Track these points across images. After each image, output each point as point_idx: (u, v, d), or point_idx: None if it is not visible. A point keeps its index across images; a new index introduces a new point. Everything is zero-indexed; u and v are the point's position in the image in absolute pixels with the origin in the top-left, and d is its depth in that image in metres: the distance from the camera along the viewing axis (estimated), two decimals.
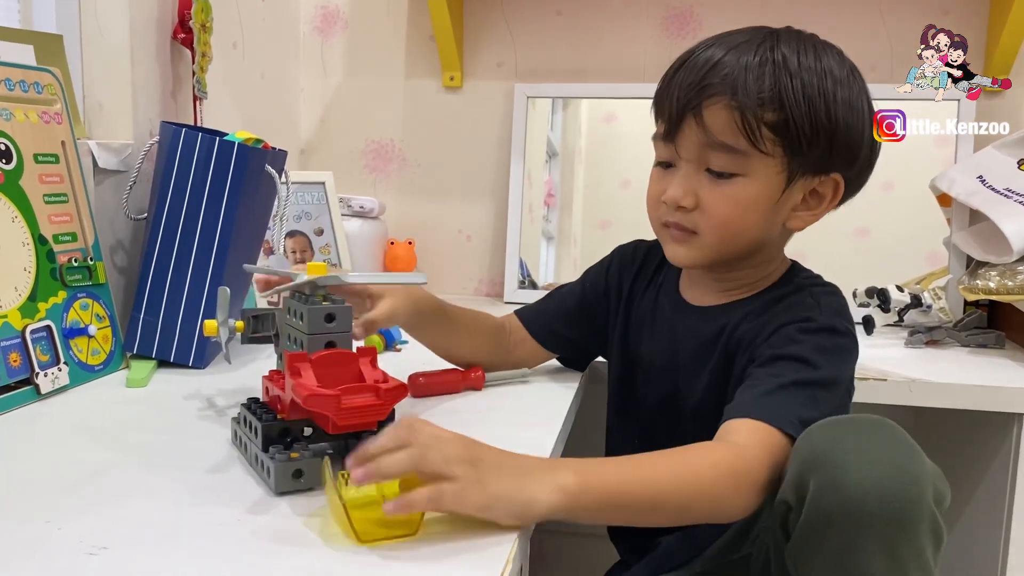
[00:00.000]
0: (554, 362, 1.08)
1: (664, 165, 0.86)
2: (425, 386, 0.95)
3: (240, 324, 0.79)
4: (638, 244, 1.02)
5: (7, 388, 0.87)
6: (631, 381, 0.97)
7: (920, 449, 0.67)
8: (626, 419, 0.98)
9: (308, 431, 0.74)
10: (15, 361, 0.88)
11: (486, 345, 1.01)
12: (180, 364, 1.05)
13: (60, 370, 0.93)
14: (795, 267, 0.91)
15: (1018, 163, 1.30)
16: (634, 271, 1.00)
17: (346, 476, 0.63)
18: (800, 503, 0.66)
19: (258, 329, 0.80)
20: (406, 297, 0.91)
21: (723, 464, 0.72)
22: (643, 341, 0.96)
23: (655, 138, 0.87)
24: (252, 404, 0.76)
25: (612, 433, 1.01)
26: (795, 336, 0.80)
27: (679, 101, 0.81)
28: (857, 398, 1.06)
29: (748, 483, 0.71)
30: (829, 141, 0.81)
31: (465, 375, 0.98)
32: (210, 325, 0.79)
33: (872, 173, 0.88)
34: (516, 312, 1.05)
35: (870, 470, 0.63)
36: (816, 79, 0.80)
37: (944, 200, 1.39)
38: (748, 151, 0.80)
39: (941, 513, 0.65)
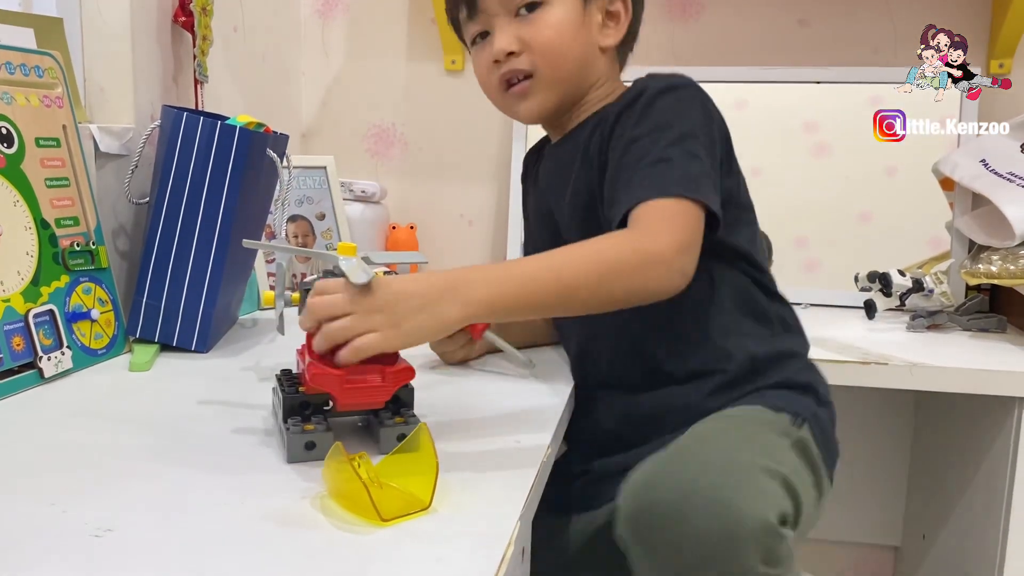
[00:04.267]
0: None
1: (481, 37, 0.93)
2: None
3: (296, 297, 0.80)
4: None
5: (11, 372, 0.87)
6: (534, 243, 1.05)
7: (739, 460, 0.69)
8: None
9: (329, 405, 0.75)
10: (18, 345, 0.88)
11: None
12: (183, 348, 1.05)
13: (63, 354, 0.93)
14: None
15: (1021, 147, 1.29)
16: (528, 165, 1.08)
17: (361, 458, 0.63)
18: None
19: None
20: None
21: (624, 243, 0.77)
22: (533, 208, 1.04)
23: (464, 24, 0.94)
24: (283, 376, 0.78)
25: None
26: (639, 114, 0.85)
27: None
28: (860, 382, 1.06)
29: (654, 258, 0.76)
30: None
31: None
32: (267, 296, 0.80)
33: None
34: None
35: (689, 529, 0.64)
36: None
37: (947, 184, 1.39)
38: None
39: (792, 517, 0.68)
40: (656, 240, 0.77)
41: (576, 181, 0.92)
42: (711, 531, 0.63)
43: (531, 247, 1.08)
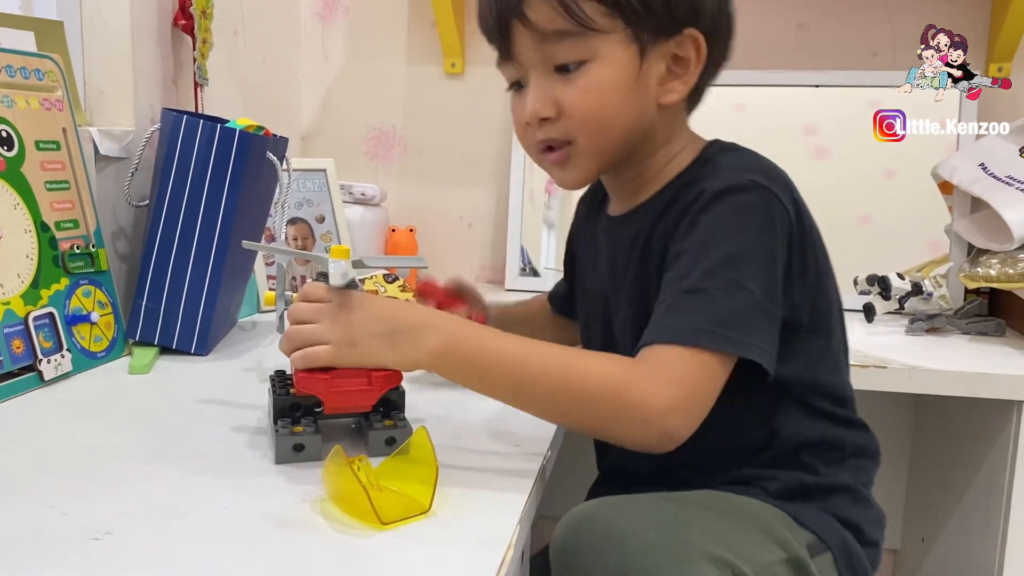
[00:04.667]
0: None
1: (517, 87, 0.80)
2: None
3: (296, 297, 0.80)
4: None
5: (10, 375, 0.87)
6: (586, 320, 0.93)
7: (687, 536, 0.65)
8: None
9: (320, 407, 0.74)
10: (18, 348, 0.88)
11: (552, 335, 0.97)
12: (182, 351, 1.05)
13: (63, 357, 0.93)
14: (711, 145, 0.82)
15: (1020, 150, 1.29)
16: (586, 205, 0.95)
17: (361, 461, 0.63)
18: None
19: None
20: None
21: (613, 376, 0.68)
22: (588, 276, 0.91)
23: (497, 63, 0.81)
24: (276, 377, 0.78)
25: None
26: (693, 222, 0.72)
27: (498, 12, 0.76)
28: (858, 386, 1.06)
29: (632, 408, 0.67)
30: None
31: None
32: (269, 296, 0.81)
33: (732, 20, 0.79)
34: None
35: None
36: None
37: (945, 188, 1.39)
38: (583, 32, 0.73)
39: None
40: (646, 390, 0.67)
41: (635, 282, 0.80)
42: None
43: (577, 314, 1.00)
